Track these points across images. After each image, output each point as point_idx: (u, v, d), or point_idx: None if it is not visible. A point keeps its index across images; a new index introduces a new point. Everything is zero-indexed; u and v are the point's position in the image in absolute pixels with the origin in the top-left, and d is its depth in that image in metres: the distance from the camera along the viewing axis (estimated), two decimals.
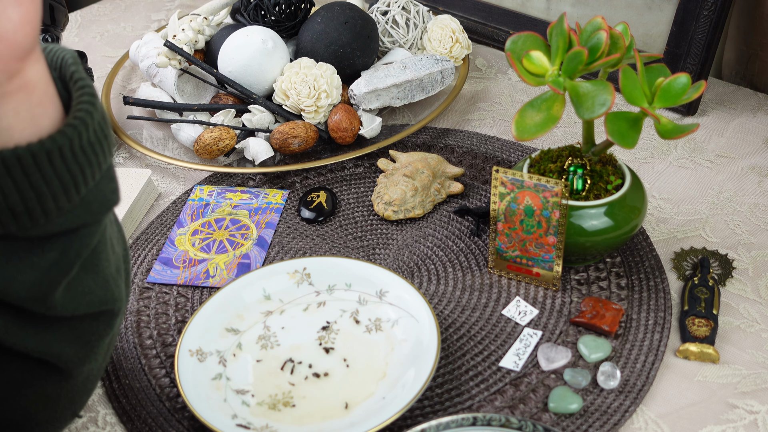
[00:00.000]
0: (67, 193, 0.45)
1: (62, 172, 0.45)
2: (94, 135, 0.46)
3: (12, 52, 0.42)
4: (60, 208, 0.45)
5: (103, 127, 0.47)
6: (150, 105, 0.98)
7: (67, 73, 0.48)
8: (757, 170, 0.92)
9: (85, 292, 0.51)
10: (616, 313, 0.72)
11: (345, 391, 0.68)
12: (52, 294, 0.48)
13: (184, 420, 0.67)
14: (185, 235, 0.86)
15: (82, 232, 0.48)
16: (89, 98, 0.46)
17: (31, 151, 0.43)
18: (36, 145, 0.43)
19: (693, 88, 0.67)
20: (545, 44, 0.70)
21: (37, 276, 0.47)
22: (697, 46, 0.97)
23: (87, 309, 0.51)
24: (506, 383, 0.68)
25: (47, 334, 0.50)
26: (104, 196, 0.48)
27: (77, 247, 0.48)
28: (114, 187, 0.49)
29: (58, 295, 0.49)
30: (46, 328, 0.50)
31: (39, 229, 0.46)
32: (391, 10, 1.06)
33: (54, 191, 0.45)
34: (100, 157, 0.47)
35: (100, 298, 0.52)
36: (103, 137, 0.47)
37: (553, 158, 0.76)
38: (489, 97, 1.08)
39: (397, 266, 0.81)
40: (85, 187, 0.46)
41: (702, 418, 0.65)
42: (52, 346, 0.51)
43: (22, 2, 0.42)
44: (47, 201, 0.45)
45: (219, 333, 0.72)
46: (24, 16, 0.42)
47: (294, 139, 0.92)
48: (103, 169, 0.48)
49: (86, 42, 1.28)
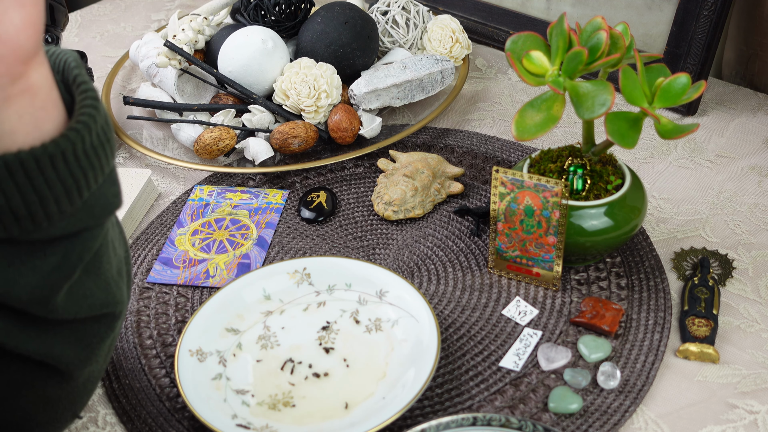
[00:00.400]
0: (69, 197, 0.45)
1: (65, 176, 0.45)
2: (97, 139, 0.46)
3: (15, 54, 0.41)
4: (62, 211, 0.45)
5: (106, 131, 0.47)
6: (150, 105, 0.98)
7: (70, 77, 0.48)
8: (757, 170, 0.92)
9: (86, 295, 0.51)
10: (616, 313, 0.72)
11: (345, 391, 0.68)
12: (53, 297, 0.48)
13: (184, 420, 0.67)
14: (185, 235, 0.86)
15: (85, 235, 0.48)
16: (92, 102, 0.46)
17: (34, 155, 0.43)
18: (39, 149, 0.43)
19: (693, 88, 0.67)
20: (545, 44, 0.70)
21: (39, 279, 0.47)
22: (697, 46, 0.97)
23: (88, 312, 0.51)
24: (506, 383, 0.68)
25: (48, 337, 0.50)
26: (106, 199, 0.48)
27: (79, 250, 0.48)
28: (116, 190, 0.49)
29: (60, 298, 0.49)
30: (48, 331, 0.50)
31: (41, 232, 0.46)
32: (391, 10, 1.06)
33: (57, 195, 0.45)
34: (102, 161, 0.47)
35: (102, 301, 0.52)
36: (106, 141, 0.47)
37: (553, 158, 0.76)
38: (489, 97, 1.08)
39: (397, 266, 0.81)
40: (88, 190, 0.46)
41: (702, 418, 0.65)
42: (53, 349, 0.51)
43: (24, 5, 0.42)
44: (50, 204, 0.45)
45: (219, 333, 0.72)
46: (26, 19, 0.42)
47: (294, 139, 0.92)
48: (106, 172, 0.48)
49: (86, 42, 1.28)
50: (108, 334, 0.54)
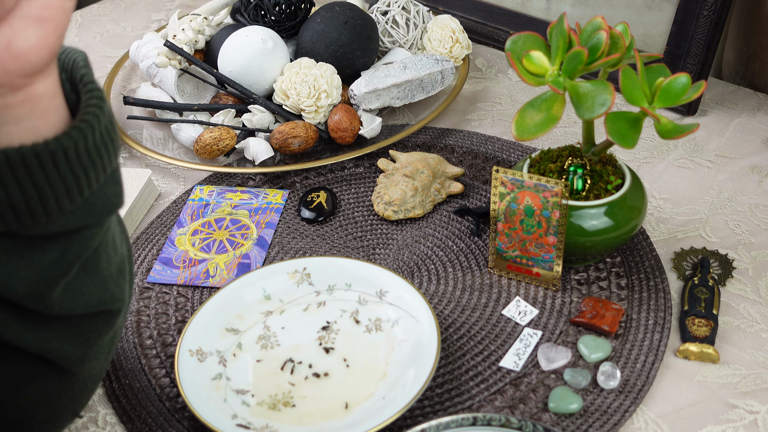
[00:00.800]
0: (69, 195, 0.45)
1: (66, 174, 0.45)
2: (100, 138, 0.46)
3: (21, 71, 0.41)
4: (62, 209, 0.45)
5: (110, 131, 0.47)
6: (150, 105, 0.98)
7: (77, 75, 0.48)
8: (757, 170, 0.92)
9: (83, 293, 0.51)
10: (616, 313, 0.72)
11: (345, 391, 0.68)
12: (50, 293, 0.48)
13: (184, 420, 0.67)
14: (185, 235, 0.86)
15: (84, 233, 0.48)
16: (97, 101, 0.46)
17: (36, 152, 0.43)
18: (41, 146, 0.43)
19: (693, 88, 0.67)
20: (545, 44, 0.70)
21: (36, 274, 0.47)
22: (697, 46, 0.97)
23: (85, 309, 0.51)
24: (506, 383, 0.68)
25: (46, 331, 0.50)
26: (107, 199, 0.48)
27: (77, 247, 0.48)
28: (118, 190, 0.50)
29: (56, 294, 0.49)
30: (45, 325, 0.50)
31: (40, 228, 0.46)
32: (391, 10, 1.06)
33: (57, 192, 0.45)
34: (105, 161, 0.47)
35: (99, 299, 0.52)
36: (110, 141, 0.47)
37: (553, 158, 0.76)
38: (489, 97, 1.08)
39: (397, 266, 0.81)
40: (89, 189, 0.46)
41: (702, 418, 0.65)
42: (50, 343, 0.51)
43: (45, 24, 0.41)
44: (50, 201, 0.45)
45: (219, 333, 0.72)
46: (42, 39, 0.41)
47: (294, 139, 0.92)
48: (108, 172, 0.48)
49: (86, 42, 1.28)
50: (106, 330, 0.55)
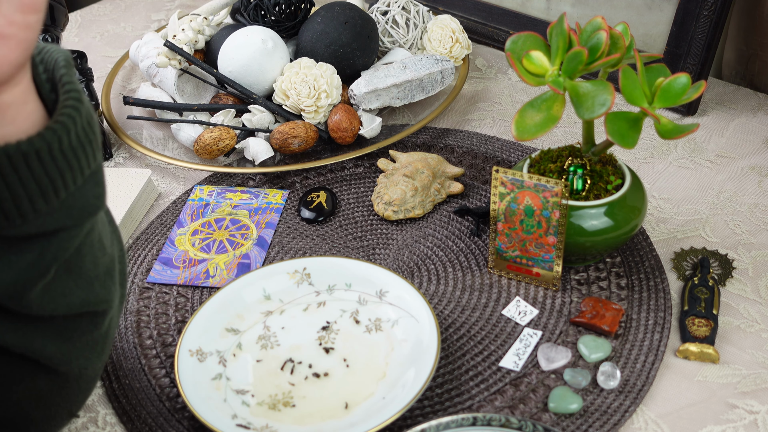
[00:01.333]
0: (44, 196, 0.45)
1: (40, 175, 0.44)
2: (77, 140, 0.45)
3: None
4: (37, 210, 0.45)
5: (88, 132, 0.46)
6: (150, 105, 0.98)
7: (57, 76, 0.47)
8: (757, 170, 0.92)
9: (64, 294, 0.50)
10: (616, 313, 0.72)
11: (345, 391, 0.68)
12: (28, 294, 0.48)
13: (184, 420, 0.67)
14: (185, 235, 0.86)
15: (62, 235, 0.47)
16: (74, 102, 0.45)
17: (7, 153, 0.42)
18: (12, 147, 0.42)
19: (693, 88, 0.67)
20: (545, 44, 0.70)
21: (13, 275, 0.46)
22: (697, 46, 0.97)
23: (67, 310, 0.51)
24: (506, 383, 0.68)
25: (28, 330, 0.50)
26: (87, 201, 0.47)
27: (55, 249, 0.47)
28: (99, 192, 0.48)
29: (35, 294, 0.48)
30: (27, 324, 0.50)
31: (16, 229, 0.45)
32: (391, 10, 1.06)
33: (30, 193, 0.44)
34: (82, 162, 0.46)
35: (83, 300, 0.51)
36: (87, 142, 0.46)
37: (553, 158, 0.76)
38: (489, 97, 1.08)
39: (397, 266, 0.81)
40: (65, 191, 0.46)
41: (702, 418, 0.65)
42: (32, 342, 0.50)
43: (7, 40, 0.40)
44: (23, 203, 0.44)
45: (219, 333, 0.72)
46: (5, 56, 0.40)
47: (294, 139, 0.92)
48: (86, 174, 0.47)
49: (86, 42, 1.28)
50: (90, 329, 0.54)
